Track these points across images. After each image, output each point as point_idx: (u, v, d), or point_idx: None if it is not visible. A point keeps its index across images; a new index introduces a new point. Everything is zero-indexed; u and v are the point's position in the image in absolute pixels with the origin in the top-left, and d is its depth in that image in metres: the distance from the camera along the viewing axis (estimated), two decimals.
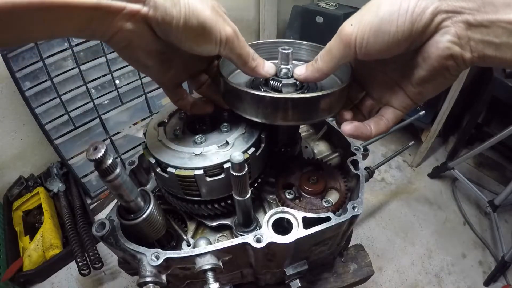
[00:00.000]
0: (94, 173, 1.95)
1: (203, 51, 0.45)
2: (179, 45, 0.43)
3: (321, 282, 0.77)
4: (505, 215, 1.96)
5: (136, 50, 0.43)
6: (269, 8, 2.46)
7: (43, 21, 0.33)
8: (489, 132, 2.12)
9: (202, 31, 0.41)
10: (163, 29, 0.40)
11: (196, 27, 0.40)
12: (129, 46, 0.42)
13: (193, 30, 0.40)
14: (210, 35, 0.42)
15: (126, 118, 2.00)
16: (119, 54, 0.45)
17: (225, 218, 0.64)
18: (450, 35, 0.36)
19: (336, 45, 0.43)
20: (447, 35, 0.37)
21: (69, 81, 1.70)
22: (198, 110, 0.59)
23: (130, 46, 0.42)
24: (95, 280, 1.65)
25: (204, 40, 0.42)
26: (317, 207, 0.61)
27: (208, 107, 0.60)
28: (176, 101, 0.58)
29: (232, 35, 0.44)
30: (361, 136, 0.49)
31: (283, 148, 0.71)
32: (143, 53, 0.44)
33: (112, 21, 0.38)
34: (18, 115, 1.79)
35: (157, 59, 0.46)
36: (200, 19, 0.40)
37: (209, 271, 0.49)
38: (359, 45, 0.40)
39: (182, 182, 0.53)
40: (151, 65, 0.47)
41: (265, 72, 0.51)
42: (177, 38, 0.41)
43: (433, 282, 1.68)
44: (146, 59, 0.45)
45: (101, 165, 0.39)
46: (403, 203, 2.07)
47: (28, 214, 1.83)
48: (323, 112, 0.50)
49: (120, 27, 0.38)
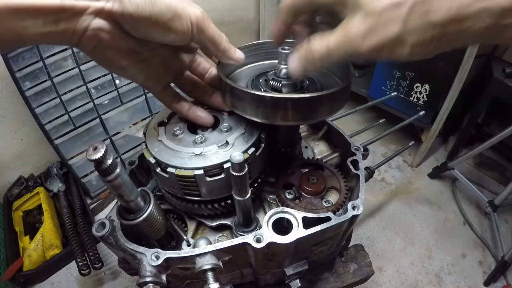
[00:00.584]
0: (94, 173, 1.95)
1: (175, 39, 0.43)
2: (150, 37, 0.42)
3: (321, 282, 0.77)
4: (505, 215, 1.96)
5: (107, 50, 0.42)
6: (269, 8, 2.46)
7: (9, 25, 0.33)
8: (489, 132, 2.12)
9: (171, 15, 0.40)
10: (130, 21, 0.39)
11: (165, 12, 0.39)
12: (99, 46, 0.41)
13: (161, 16, 0.39)
14: (180, 18, 0.41)
15: (126, 118, 2.00)
16: (92, 57, 0.44)
17: (225, 218, 0.64)
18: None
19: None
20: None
21: (69, 81, 1.70)
22: (196, 118, 0.57)
23: (100, 47, 0.41)
24: (95, 280, 1.65)
25: (175, 25, 0.41)
26: (317, 207, 0.61)
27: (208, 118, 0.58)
28: (169, 105, 0.57)
29: (202, 16, 0.43)
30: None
31: (283, 148, 0.71)
32: (115, 53, 0.43)
33: (78, 22, 0.37)
34: (18, 115, 1.79)
35: (132, 59, 0.45)
36: (167, 3, 0.39)
37: (209, 271, 0.49)
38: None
39: (182, 182, 0.53)
40: (126, 66, 0.46)
41: (236, 56, 0.50)
42: (146, 29, 0.40)
43: (433, 282, 1.68)
44: (120, 59, 0.44)
45: (101, 165, 0.39)
46: (403, 203, 2.07)
47: (28, 214, 1.83)
48: (323, 112, 0.50)
49: (87, 26, 0.38)
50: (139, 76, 0.49)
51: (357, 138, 0.88)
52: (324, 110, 0.50)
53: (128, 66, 0.46)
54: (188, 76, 0.58)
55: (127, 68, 0.46)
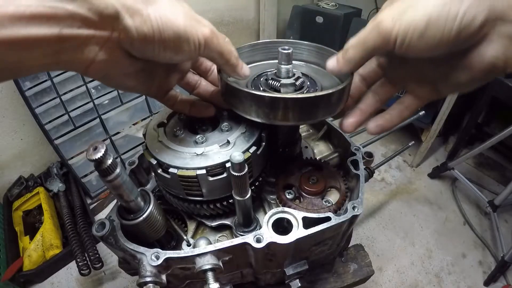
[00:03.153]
0: (94, 173, 1.95)
1: (183, 58, 0.44)
2: (157, 59, 0.42)
3: (321, 282, 0.77)
4: (505, 215, 1.96)
5: (115, 77, 0.43)
6: (269, 8, 2.46)
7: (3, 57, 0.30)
8: (489, 132, 2.12)
9: (178, 40, 0.39)
10: (138, 48, 0.39)
11: (173, 38, 0.39)
12: (107, 75, 0.41)
13: (169, 42, 0.39)
14: (187, 42, 0.40)
15: (126, 118, 2.00)
16: (100, 81, 0.44)
17: (225, 218, 0.64)
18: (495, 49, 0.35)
19: (373, 38, 0.41)
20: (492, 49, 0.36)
21: (69, 81, 1.70)
22: (198, 113, 0.58)
23: (108, 76, 0.41)
24: (95, 280, 1.65)
25: (182, 48, 0.41)
26: (317, 207, 0.61)
27: (209, 110, 0.59)
28: (171, 106, 0.57)
29: (210, 35, 0.43)
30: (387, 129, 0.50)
31: (283, 148, 0.71)
32: (123, 78, 0.44)
33: (83, 53, 0.35)
34: (18, 115, 1.79)
35: (139, 77, 0.46)
36: (175, 29, 0.38)
37: (209, 271, 0.49)
38: (400, 43, 0.38)
39: (184, 182, 0.53)
40: (134, 85, 0.46)
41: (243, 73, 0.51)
42: (154, 53, 0.40)
43: (433, 282, 1.68)
44: (128, 81, 0.45)
45: (101, 165, 0.39)
46: (403, 203, 2.07)
47: (28, 214, 1.83)
48: (323, 112, 0.50)
49: (93, 58, 0.36)
50: (145, 88, 0.50)
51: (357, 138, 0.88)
52: (324, 110, 0.50)
53: (136, 84, 0.47)
54: (191, 76, 0.58)
55: (135, 86, 0.47)
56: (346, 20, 2.33)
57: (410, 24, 0.37)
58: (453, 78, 0.42)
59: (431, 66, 0.44)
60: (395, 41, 0.38)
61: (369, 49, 0.42)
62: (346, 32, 2.35)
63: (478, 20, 0.34)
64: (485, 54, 0.36)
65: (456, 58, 0.39)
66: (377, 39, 0.40)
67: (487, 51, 0.36)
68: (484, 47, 0.36)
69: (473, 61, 0.38)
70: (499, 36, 0.35)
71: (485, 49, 0.36)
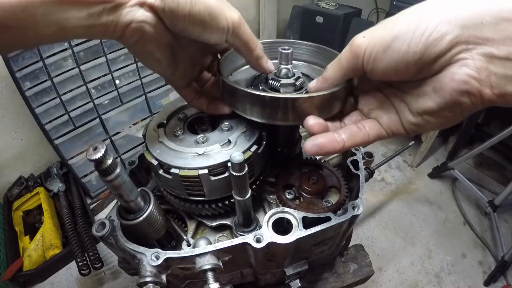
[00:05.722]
0: (94, 173, 1.95)
1: (210, 38, 0.45)
2: (187, 33, 0.43)
3: (321, 282, 0.78)
4: (505, 215, 1.96)
5: (149, 43, 0.43)
6: (269, 8, 2.47)
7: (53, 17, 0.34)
8: (489, 132, 2.12)
9: (209, 15, 0.41)
10: (170, 17, 0.41)
11: (203, 12, 0.41)
12: (142, 39, 0.42)
13: (200, 15, 0.41)
14: (217, 19, 0.42)
15: (126, 118, 2.00)
16: (131, 50, 0.45)
17: (225, 218, 0.64)
18: (468, 68, 0.33)
19: (345, 55, 0.41)
20: (465, 68, 0.33)
21: (69, 81, 1.70)
22: (216, 110, 0.58)
23: (143, 39, 0.42)
24: (95, 280, 1.65)
25: (210, 25, 0.43)
26: (317, 207, 0.61)
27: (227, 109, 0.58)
28: (191, 101, 0.58)
29: (238, 20, 0.44)
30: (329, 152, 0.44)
31: (283, 148, 0.71)
32: (155, 46, 0.44)
33: (121, 14, 0.38)
34: (18, 115, 1.79)
35: (168, 53, 0.47)
36: (206, 4, 0.41)
37: (209, 271, 0.49)
38: (367, 58, 0.38)
39: (186, 182, 0.53)
40: (162, 60, 0.47)
41: (267, 67, 0.51)
42: (185, 26, 0.42)
43: (433, 282, 1.68)
44: (158, 52, 0.46)
45: (101, 165, 0.39)
46: (403, 203, 2.07)
47: (28, 214, 1.83)
48: (323, 112, 0.50)
49: (132, 18, 0.39)
50: (168, 70, 0.50)
51: None
52: (323, 111, 0.49)
53: (163, 60, 0.47)
54: (205, 74, 0.60)
55: (162, 61, 0.47)
56: (346, 20, 2.33)
57: (377, 40, 0.37)
58: (420, 104, 0.39)
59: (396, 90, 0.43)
60: (363, 57, 0.39)
61: (344, 68, 0.42)
62: (346, 32, 2.35)
63: (447, 38, 0.32)
64: (457, 73, 0.34)
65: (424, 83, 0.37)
66: (349, 56, 0.40)
67: (459, 71, 0.33)
68: (456, 67, 0.34)
69: (443, 81, 0.35)
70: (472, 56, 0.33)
71: (457, 69, 0.34)
